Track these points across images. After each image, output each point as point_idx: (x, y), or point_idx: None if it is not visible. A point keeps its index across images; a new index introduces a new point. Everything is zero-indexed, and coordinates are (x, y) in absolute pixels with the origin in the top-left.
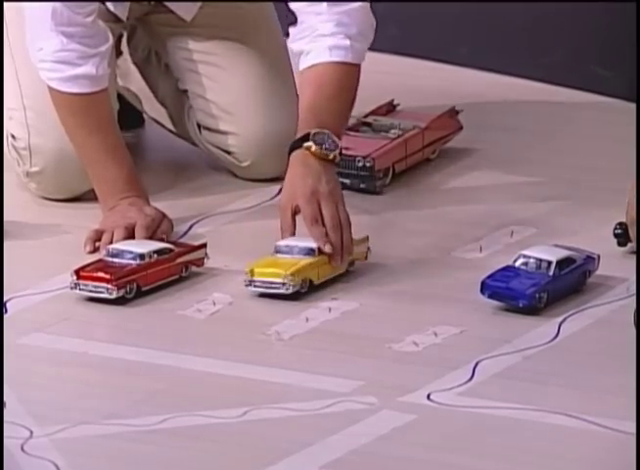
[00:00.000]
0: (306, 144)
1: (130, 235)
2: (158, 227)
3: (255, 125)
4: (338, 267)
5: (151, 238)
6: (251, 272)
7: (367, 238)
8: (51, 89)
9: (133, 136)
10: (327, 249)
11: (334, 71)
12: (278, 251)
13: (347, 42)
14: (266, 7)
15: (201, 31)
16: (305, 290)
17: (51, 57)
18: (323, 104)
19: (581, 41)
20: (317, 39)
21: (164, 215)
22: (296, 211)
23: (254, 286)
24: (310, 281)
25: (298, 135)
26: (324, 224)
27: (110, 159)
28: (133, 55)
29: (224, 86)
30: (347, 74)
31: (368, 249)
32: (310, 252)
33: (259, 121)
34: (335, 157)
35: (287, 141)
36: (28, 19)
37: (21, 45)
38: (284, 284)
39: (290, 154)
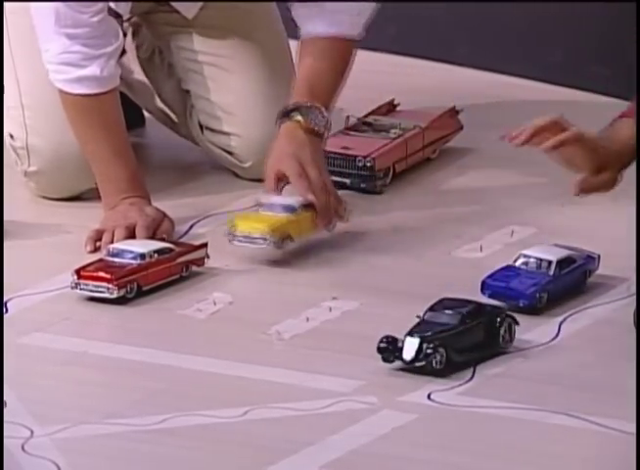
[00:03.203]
0: (296, 117)
1: (131, 235)
2: (158, 227)
3: (257, 127)
4: (318, 226)
5: (152, 238)
6: (233, 227)
7: (345, 201)
8: (59, 89)
9: (134, 135)
10: (310, 197)
11: (332, 45)
12: (260, 206)
13: (346, 17)
14: (269, 7)
15: (203, 32)
16: (286, 246)
17: (56, 59)
18: (318, 76)
19: (581, 41)
20: (320, 13)
21: (165, 215)
22: (279, 177)
23: (237, 240)
24: (290, 237)
25: (290, 104)
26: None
27: (114, 158)
28: (137, 54)
29: (226, 87)
30: (344, 49)
31: (347, 210)
32: (291, 209)
33: (261, 123)
34: (322, 131)
35: None
36: (35, 19)
37: (20, 43)
38: (265, 239)
39: (279, 122)
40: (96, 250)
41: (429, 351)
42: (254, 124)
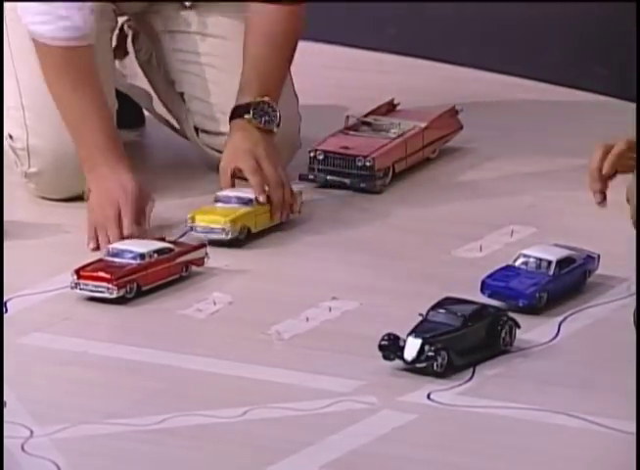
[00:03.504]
0: (247, 116)
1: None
2: (142, 203)
3: None
4: (273, 219)
5: (139, 223)
6: (193, 219)
7: (300, 193)
8: (37, 43)
9: (134, 135)
10: (261, 199)
11: (277, 15)
12: (218, 200)
13: None
14: None
15: (197, 32)
16: (243, 237)
17: (39, 9)
18: (267, 56)
19: (581, 41)
20: None
21: (143, 188)
22: (235, 173)
23: (196, 231)
24: (248, 229)
25: (241, 101)
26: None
27: (89, 117)
28: (137, 57)
29: (220, 87)
30: (291, 16)
31: (300, 203)
32: (248, 202)
33: None
34: (274, 129)
35: (284, 143)
36: None
37: (20, 43)
38: (223, 230)
39: (231, 119)
40: (99, 247)
41: (430, 353)
42: None
